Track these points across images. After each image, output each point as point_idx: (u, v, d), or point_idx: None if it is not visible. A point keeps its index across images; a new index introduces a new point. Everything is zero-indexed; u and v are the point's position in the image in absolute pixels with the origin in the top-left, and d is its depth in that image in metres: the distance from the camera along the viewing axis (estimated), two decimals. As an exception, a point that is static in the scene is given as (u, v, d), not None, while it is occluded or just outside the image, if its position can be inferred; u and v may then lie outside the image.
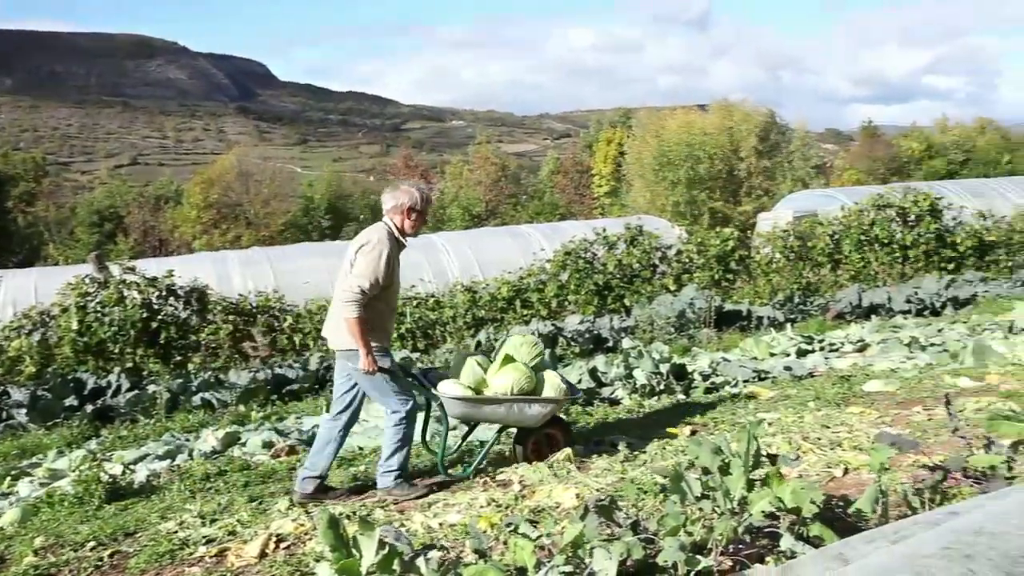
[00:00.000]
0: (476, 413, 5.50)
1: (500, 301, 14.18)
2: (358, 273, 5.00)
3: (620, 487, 4.83)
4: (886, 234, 16.30)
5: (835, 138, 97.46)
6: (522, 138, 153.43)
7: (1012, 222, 17.92)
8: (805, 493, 3.37)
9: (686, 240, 15.75)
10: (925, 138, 53.10)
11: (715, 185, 38.13)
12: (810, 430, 5.86)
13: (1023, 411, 5.85)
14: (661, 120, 41.84)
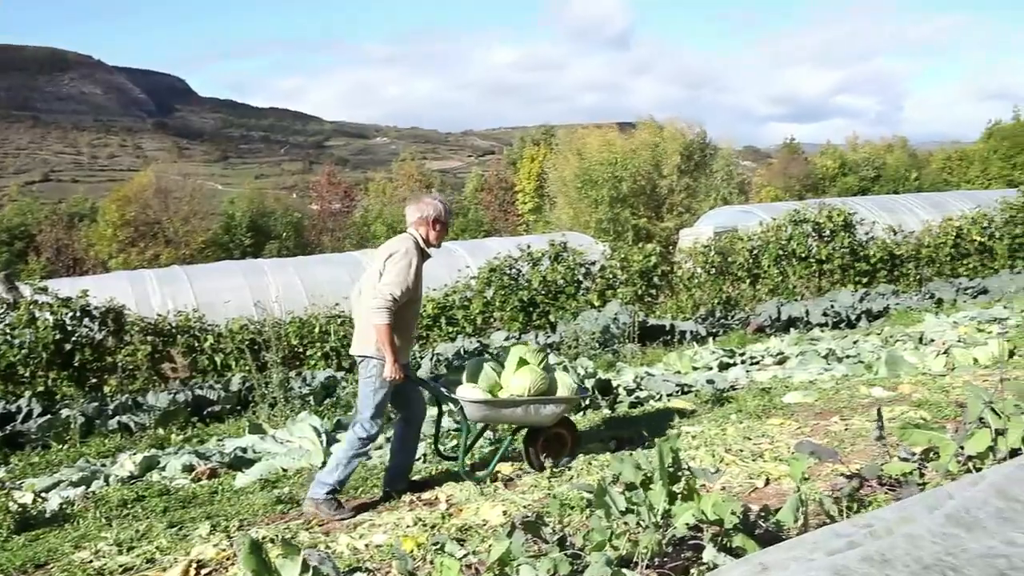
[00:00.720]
0: (496, 415, 5.68)
1: (425, 318, 14.12)
2: (389, 281, 5.13)
3: (547, 503, 4.84)
4: (803, 249, 16.75)
5: (753, 155, 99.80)
6: (446, 155, 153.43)
7: (920, 237, 18.56)
8: (727, 505, 3.42)
9: (610, 256, 15.91)
10: (839, 156, 54.76)
11: (638, 202, 38.64)
12: (732, 442, 5.96)
13: (933, 420, 6.05)
14: (582, 138, 42.30)
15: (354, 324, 5.54)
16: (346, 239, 46.09)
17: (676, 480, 3.51)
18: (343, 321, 13.62)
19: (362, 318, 5.33)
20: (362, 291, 5.41)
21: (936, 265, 17.97)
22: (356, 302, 5.51)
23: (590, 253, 15.86)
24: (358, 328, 5.38)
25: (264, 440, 7.31)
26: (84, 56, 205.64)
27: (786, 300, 15.02)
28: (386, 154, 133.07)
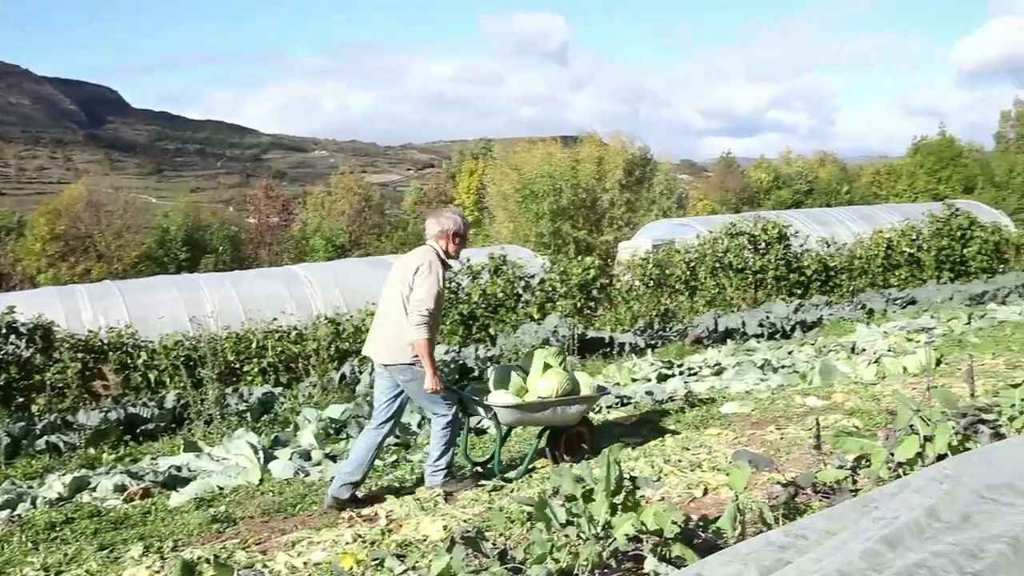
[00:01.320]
0: (526, 418, 5.98)
1: (365, 333, 13.98)
2: (422, 297, 5.31)
3: (488, 517, 4.82)
4: (739, 261, 17.02)
5: (691, 169, 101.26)
6: (385, 168, 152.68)
7: (852, 249, 19.01)
8: (667, 515, 3.45)
9: (549, 269, 15.97)
10: (773, 169, 55.86)
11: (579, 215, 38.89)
12: (671, 453, 6.02)
13: (865, 428, 6.19)
14: (523, 152, 42.48)
15: (372, 331, 5.74)
16: (284, 253, 45.54)
17: (618, 491, 3.53)
18: (281, 336, 13.44)
19: (387, 328, 5.50)
20: (385, 304, 5.62)
21: (868, 276, 18.42)
22: (377, 313, 5.76)
23: (529, 266, 15.90)
24: (385, 338, 5.52)
25: (200, 458, 7.17)
26: (11, 65, 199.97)
27: (723, 312, 15.23)
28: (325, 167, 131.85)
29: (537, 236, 37.05)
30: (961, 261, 19.67)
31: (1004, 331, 10.88)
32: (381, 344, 5.55)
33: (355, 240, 47.62)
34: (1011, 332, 10.71)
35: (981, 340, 10.34)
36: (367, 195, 54.63)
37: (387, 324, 5.51)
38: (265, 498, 5.88)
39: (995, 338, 10.39)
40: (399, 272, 5.55)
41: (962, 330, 11.22)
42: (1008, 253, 21.05)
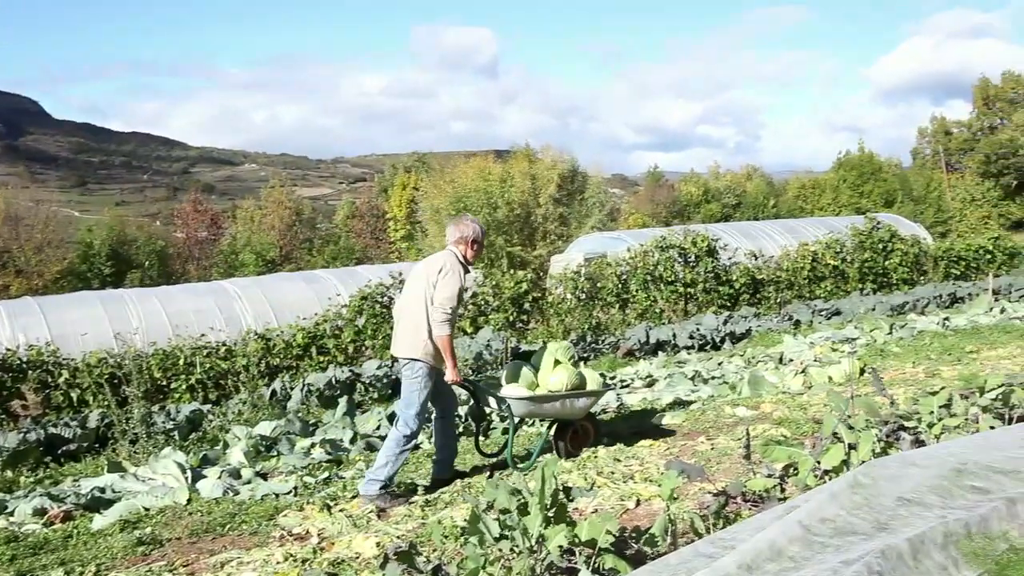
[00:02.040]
0: (538, 410, 6.31)
1: (295, 348, 13.83)
2: (445, 297, 5.68)
3: (421, 533, 4.80)
4: (670, 273, 17.25)
5: (621, 183, 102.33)
6: (317, 182, 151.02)
7: (780, 261, 19.41)
8: (600, 524, 3.47)
9: (481, 283, 15.98)
10: (702, 184, 56.80)
11: (512, 230, 39.01)
12: (604, 464, 6.05)
13: (793, 436, 6.31)
14: (456, 166, 42.49)
15: (394, 328, 6.09)
16: (213, 268, 44.69)
17: (551, 504, 3.54)
18: (209, 352, 13.19)
19: (409, 325, 5.80)
20: (407, 302, 5.92)
21: (795, 288, 18.83)
22: (399, 313, 6.02)
23: (463, 280, 15.87)
24: (403, 332, 5.84)
25: (124, 479, 6.98)
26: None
27: (654, 324, 15.40)
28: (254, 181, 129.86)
29: (470, 250, 36.95)
30: (883, 273, 20.25)
31: (923, 340, 11.22)
32: (400, 339, 5.89)
33: (286, 255, 47.00)
34: (930, 341, 11.05)
35: (902, 349, 10.64)
36: (298, 209, 54.00)
37: (406, 320, 5.86)
38: (193, 518, 5.75)
39: (915, 347, 10.70)
40: (423, 273, 5.89)
41: (884, 340, 11.53)
42: (927, 265, 21.74)
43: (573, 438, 6.52)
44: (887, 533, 2.28)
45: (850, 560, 2.07)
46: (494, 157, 43.72)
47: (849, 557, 2.11)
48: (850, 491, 2.51)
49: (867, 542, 2.29)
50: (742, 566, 2.02)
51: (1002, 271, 22.86)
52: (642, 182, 68.63)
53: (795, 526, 2.41)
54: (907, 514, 2.37)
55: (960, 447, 3.23)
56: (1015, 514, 2.43)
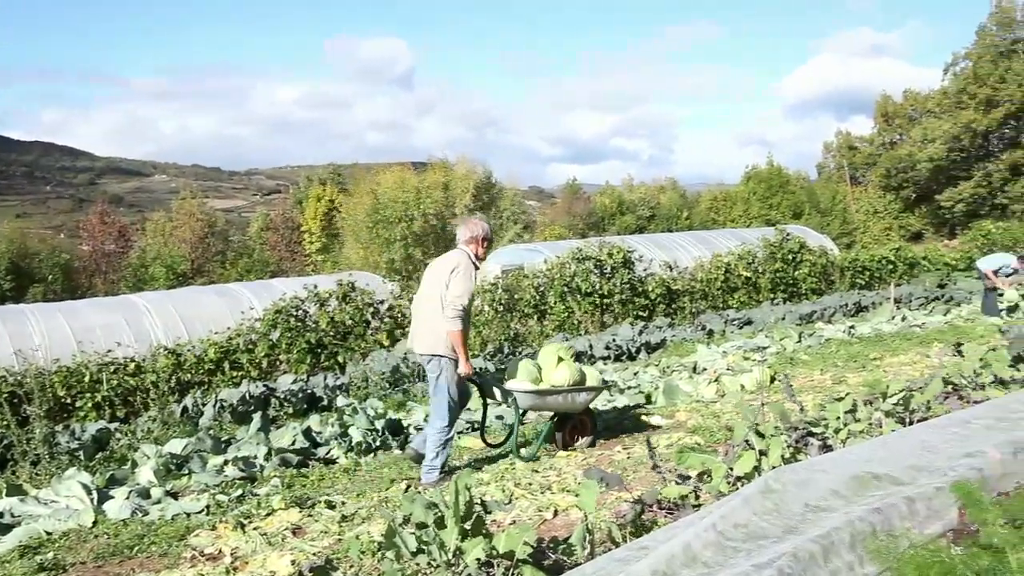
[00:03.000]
0: (540, 403, 6.67)
1: (208, 363, 13.51)
2: (458, 293, 6.01)
3: (338, 549, 4.72)
4: (587, 285, 17.42)
5: (538, 195, 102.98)
6: (230, 194, 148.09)
7: (694, 272, 19.80)
8: (518, 536, 3.47)
9: (398, 295, 15.88)
10: (617, 196, 57.52)
11: (430, 241, 38.91)
12: (522, 476, 6.06)
13: (707, 444, 6.42)
14: (374, 177, 42.23)
15: (412, 325, 6.47)
16: (121, 281, 43.38)
17: (468, 517, 3.52)
18: (117, 369, 12.80)
19: (427, 322, 6.15)
20: (423, 301, 6.26)
21: (709, 299, 19.21)
22: (417, 310, 6.39)
23: (379, 293, 15.77)
24: (423, 329, 6.19)
25: (25, 502, 6.69)
26: None
27: (571, 335, 15.52)
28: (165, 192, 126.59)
29: (388, 262, 36.84)
30: (793, 283, 20.83)
31: (830, 348, 11.56)
32: (421, 337, 6.22)
33: (198, 268, 45.95)
34: (836, 349, 11.39)
35: (810, 357, 10.94)
36: (211, 221, 52.86)
37: (426, 319, 6.18)
38: (99, 541, 5.55)
39: (823, 355, 11.02)
40: (436, 273, 6.24)
41: (793, 348, 11.84)
42: (834, 275, 22.43)
43: (571, 431, 6.89)
44: (797, 536, 2.33)
45: (761, 564, 2.12)
46: (411, 168, 43.57)
47: (760, 560, 2.15)
48: (761, 496, 2.57)
49: (778, 545, 2.34)
50: (656, 572, 2.04)
51: (903, 280, 23.73)
52: (559, 194, 69.20)
53: (709, 531, 2.44)
54: (816, 517, 2.43)
55: (864, 451, 3.32)
56: (915, 512, 2.52)
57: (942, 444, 3.27)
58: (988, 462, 2.97)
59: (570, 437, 6.90)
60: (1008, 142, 50.28)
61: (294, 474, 7.00)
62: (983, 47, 49.45)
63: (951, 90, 51.82)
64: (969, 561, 2.11)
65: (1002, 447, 3.07)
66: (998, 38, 49.16)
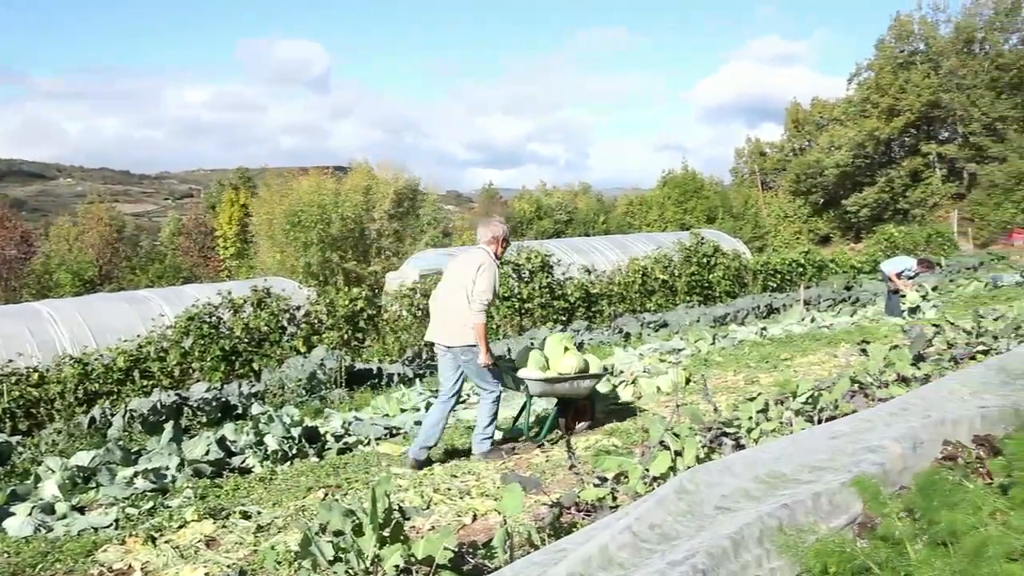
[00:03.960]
0: (549, 389, 7.10)
1: (116, 372, 13.12)
2: (483, 289, 6.49)
3: (253, 560, 4.64)
4: (506, 289, 17.47)
5: (456, 199, 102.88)
6: (140, 197, 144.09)
7: (612, 276, 20.04)
8: (437, 541, 3.46)
9: (315, 301, 15.68)
10: (534, 200, 57.85)
11: (347, 245, 38.53)
12: (440, 481, 6.05)
13: (624, 446, 6.50)
14: (290, 181, 41.64)
15: (434, 319, 6.87)
16: (24, 289, 41.82)
17: (386, 524, 3.50)
18: (18, 379, 12.34)
19: (451, 316, 6.60)
20: (447, 297, 6.70)
21: (627, 302, 19.47)
22: (439, 304, 6.80)
23: (295, 298, 15.55)
24: (452, 323, 6.61)
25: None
26: None
27: (490, 339, 15.52)
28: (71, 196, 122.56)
29: (305, 267, 36.36)
30: (708, 286, 21.26)
31: (743, 350, 11.82)
32: (447, 330, 6.65)
33: (106, 274, 44.61)
34: (748, 350, 11.66)
35: (724, 359, 11.17)
36: (119, 226, 51.41)
37: (451, 313, 6.59)
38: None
39: (736, 356, 11.26)
40: (460, 270, 6.68)
41: (708, 350, 12.07)
42: (747, 278, 22.97)
43: (573, 416, 7.34)
44: (710, 533, 2.38)
45: (676, 561, 2.15)
46: (329, 172, 43.07)
47: (675, 558, 2.19)
48: (676, 497, 2.61)
49: (692, 543, 2.38)
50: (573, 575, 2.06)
51: (812, 283, 24.44)
52: (476, 199, 69.31)
53: (624, 533, 2.48)
54: (727, 516, 2.49)
55: (774, 449, 3.41)
56: (820, 507, 2.59)
57: (847, 441, 3.38)
58: (889, 457, 3.08)
59: (572, 422, 7.33)
60: (908, 150, 52.33)
61: (208, 485, 6.85)
62: (884, 58, 51.34)
63: (855, 99, 53.70)
64: (871, 553, 2.18)
65: (902, 442, 3.19)
66: (897, 50, 51.07)
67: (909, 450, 3.18)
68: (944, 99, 48.46)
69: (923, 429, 3.49)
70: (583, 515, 4.52)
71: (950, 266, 25.93)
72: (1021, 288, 17.38)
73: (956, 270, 24.86)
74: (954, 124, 50.14)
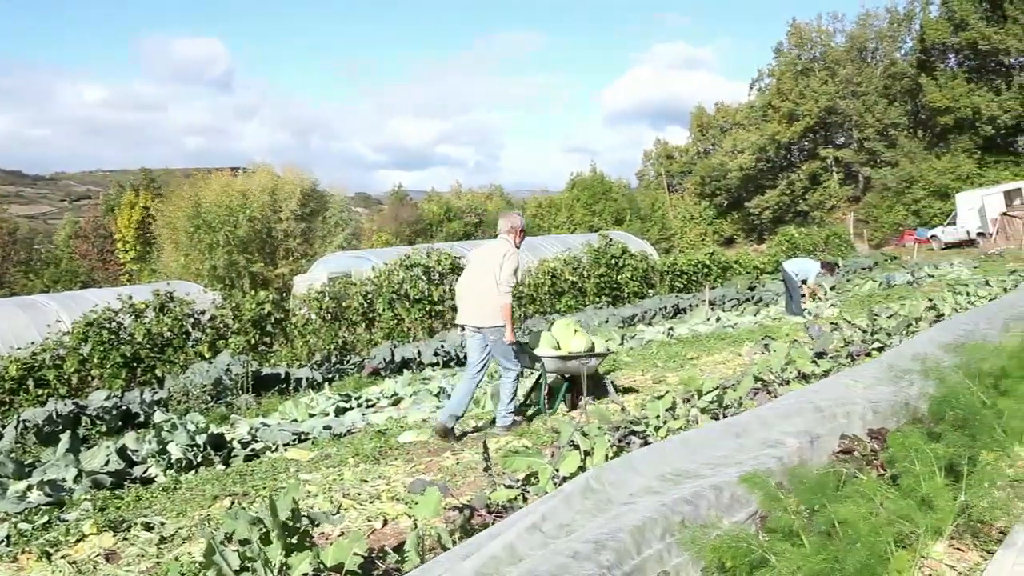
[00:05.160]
0: (562, 366, 7.84)
1: (8, 381, 12.59)
2: (509, 273, 7.17)
3: (156, 572, 4.51)
4: (416, 292, 17.39)
5: (365, 202, 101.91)
6: (34, 199, 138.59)
7: (521, 278, 20.14)
8: (347, 547, 3.42)
9: (221, 305, 15.34)
10: (444, 203, 57.81)
11: (254, 248, 37.82)
12: (350, 486, 5.98)
13: (534, 446, 6.54)
14: (196, 182, 40.68)
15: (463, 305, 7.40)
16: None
17: (294, 531, 3.45)
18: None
19: (481, 300, 7.20)
20: (476, 283, 7.28)
21: (537, 303, 19.59)
22: (468, 290, 7.35)
23: (199, 302, 15.18)
24: (482, 306, 7.20)
25: None
26: None
27: (400, 342, 15.45)
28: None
29: (210, 270, 35.56)
30: (616, 287, 21.55)
31: (651, 349, 12.02)
32: (477, 312, 7.23)
33: (-3, 279, 42.86)
34: (656, 350, 11.86)
35: (632, 358, 11.34)
36: (12, 228, 49.38)
37: (481, 297, 7.20)
38: None
39: (644, 356, 11.44)
40: (487, 259, 7.34)
41: (616, 350, 12.23)
42: (654, 279, 23.38)
43: (578, 392, 7.84)
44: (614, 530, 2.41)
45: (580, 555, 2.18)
46: (233, 174, 42.23)
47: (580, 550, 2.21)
48: (582, 495, 2.64)
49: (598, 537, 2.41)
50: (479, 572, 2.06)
51: (717, 283, 25.02)
52: (386, 201, 68.89)
53: (532, 530, 2.49)
54: (632, 512, 2.53)
55: (679, 446, 3.48)
56: (722, 501, 2.66)
57: (749, 437, 3.47)
58: (788, 452, 3.18)
59: (576, 398, 7.89)
60: (808, 154, 54.07)
61: (108, 496, 6.62)
62: (784, 65, 52.90)
63: (757, 104, 55.25)
64: (769, 546, 2.24)
65: (801, 437, 3.29)
66: (796, 57, 52.70)
67: (807, 444, 3.28)
68: (840, 105, 50.17)
69: (820, 424, 3.61)
70: (494, 517, 4.53)
71: (847, 266, 26.84)
72: (912, 287, 18.13)
73: (852, 270, 25.78)
74: (850, 129, 51.97)
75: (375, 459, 6.90)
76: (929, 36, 46.12)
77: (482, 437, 7.04)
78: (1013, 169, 43.25)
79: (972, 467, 3.39)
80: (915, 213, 45.01)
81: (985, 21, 42.98)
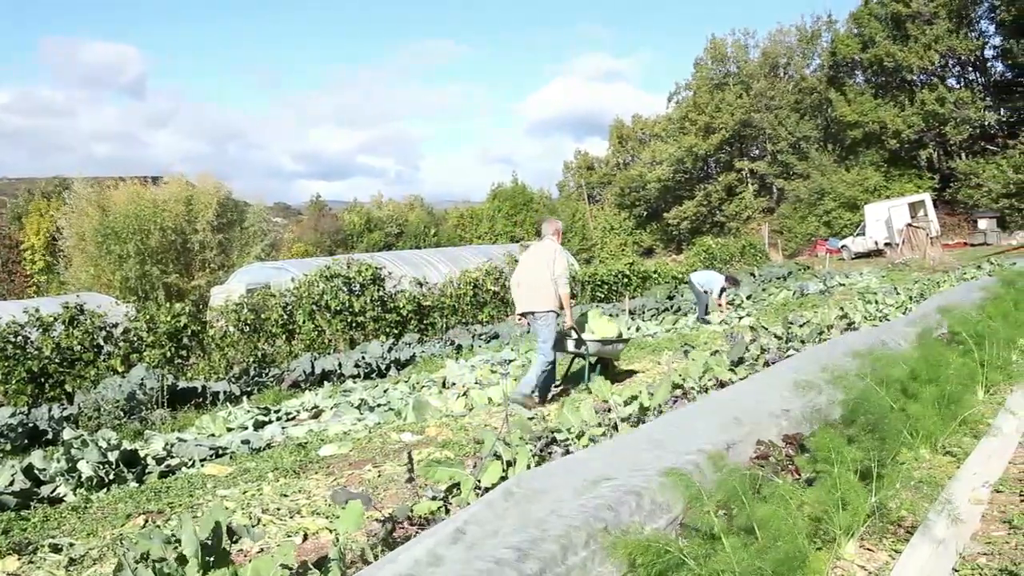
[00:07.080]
0: (601, 349, 9.09)
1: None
2: (563, 268, 8.34)
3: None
4: (337, 303, 17.21)
5: (284, 212, 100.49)
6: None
7: (443, 288, 20.11)
8: (268, 564, 3.36)
9: (134, 317, 14.94)
10: (365, 213, 57.42)
11: (168, 258, 36.95)
12: (270, 502, 5.88)
13: (457, 457, 6.52)
14: (105, 191, 39.57)
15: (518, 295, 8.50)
16: None
17: (212, 549, 3.37)
18: None
19: (539, 291, 8.31)
20: (531, 277, 8.41)
21: (459, 314, 19.58)
22: (522, 282, 8.45)
23: (112, 315, 14.75)
24: (530, 295, 8.38)
25: None
26: None
27: (320, 354, 15.27)
28: None
29: (122, 281, 34.63)
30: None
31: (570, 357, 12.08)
32: (534, 300, 8.34)
33: None
34: (577, 360, 11.92)
35: (554, 368, 11.38)
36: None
37: (537, 287, 8.32)
38: None
39: (565, 365, 11.51)
40: (539, 257, 8.49)
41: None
42: (575, 289, 23.58)
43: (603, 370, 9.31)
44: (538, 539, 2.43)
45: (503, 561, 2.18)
46: (145, 182, 41.22)
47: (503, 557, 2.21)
48: (503, 501, 2.65)
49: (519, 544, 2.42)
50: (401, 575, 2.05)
51: (637, 293, 25.35)
52: (305, 211, 68.04)
53: (454, 535, 2.49)
54: (555, 519, 2.54)
55: (600, 454, 3.52)
56: (643, 506, 2.69)
57: (668, 443, 3.52)
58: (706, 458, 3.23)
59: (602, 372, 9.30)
60: (724, 166, 55.30)
61: (12, 518, 6.37)
62: (701, 78, 54.05)
63: (675, 116, 56.26)
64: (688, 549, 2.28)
65: (717, 443, 3.35)
66: (713, 71, 53.91)
67: (725, 451, 3.34)
68: (755, 118, 51.47)
69: (737, 430, 3.69)
70: (417, 528, 4.50)
71: (762, 276, 27.48)
72: (824, 296, 18.65)
73: (767, 279, 26.38)
74: (764, 142, 53.34)
75: (295, 473, 6.80)
76: (840, 51, 47.63)
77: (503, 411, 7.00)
78: (916, 181, 44.93)
79: (882, 469, 3.51)
80: (827, 224, 46.35)
81: (891, 39, 44.60)
